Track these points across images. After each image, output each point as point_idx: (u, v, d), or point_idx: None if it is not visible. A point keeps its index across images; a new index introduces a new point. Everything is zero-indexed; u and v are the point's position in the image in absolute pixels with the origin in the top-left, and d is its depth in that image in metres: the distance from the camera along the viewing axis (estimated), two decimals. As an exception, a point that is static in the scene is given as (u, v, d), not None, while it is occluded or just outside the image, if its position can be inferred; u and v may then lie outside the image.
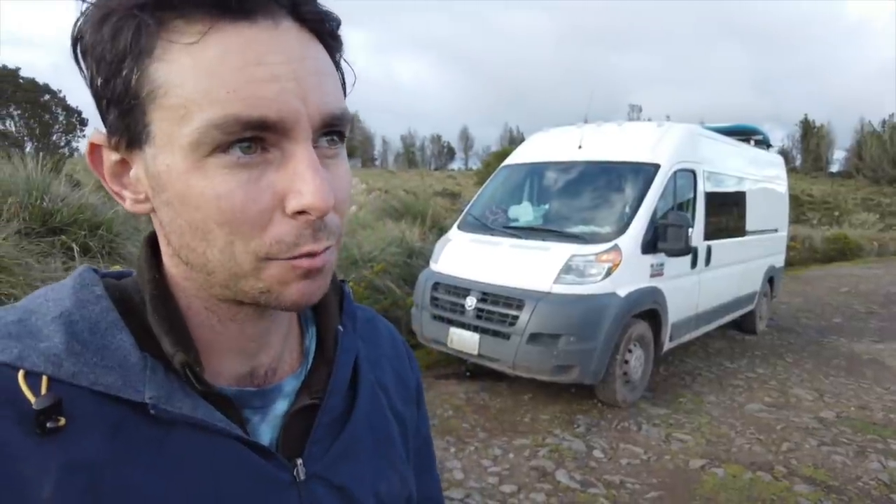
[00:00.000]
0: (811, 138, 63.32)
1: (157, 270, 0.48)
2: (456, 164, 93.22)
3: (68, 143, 11.50)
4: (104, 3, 0.39)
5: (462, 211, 5.71)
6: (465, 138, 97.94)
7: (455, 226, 5.29)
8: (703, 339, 6.08)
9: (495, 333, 4.12)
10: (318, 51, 0.43)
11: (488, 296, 4.23)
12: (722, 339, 6.45)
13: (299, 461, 0.50)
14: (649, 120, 6.06)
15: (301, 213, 0.40)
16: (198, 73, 0.38)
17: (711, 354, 5.89)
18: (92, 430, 0.40)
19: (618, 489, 3.14)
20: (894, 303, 9.40)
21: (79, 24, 0.40)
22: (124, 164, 0.44)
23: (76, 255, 4.69)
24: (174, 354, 0.43)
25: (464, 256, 4.69)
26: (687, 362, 5.56)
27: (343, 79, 0.48)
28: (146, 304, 0.46)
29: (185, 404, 0.44)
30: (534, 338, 3.95)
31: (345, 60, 0.48)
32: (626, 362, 4.22)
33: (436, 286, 4.64)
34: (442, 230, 8.35)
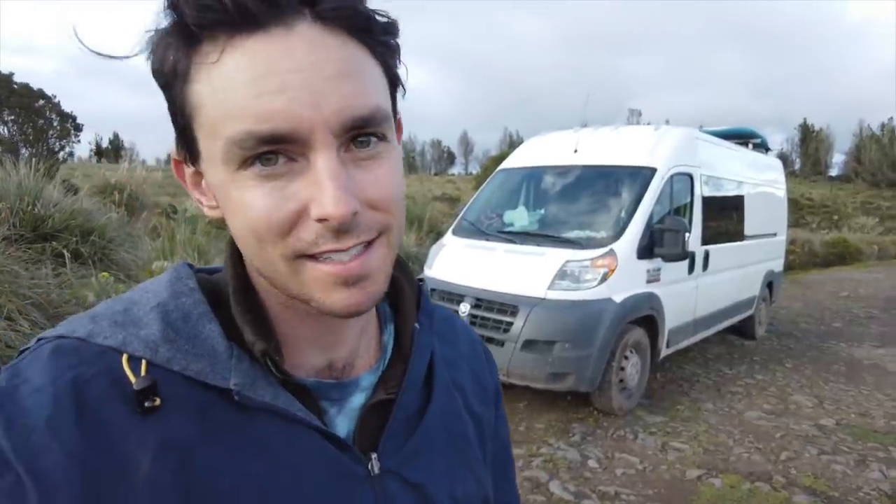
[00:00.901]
0: (810, 142, 63.30)
1: (240, 266, 0.51)
2: (456, 169, 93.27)
3: (63, 147, 11.47)
4: (156, 36, 0.42)
5: (458, 215, 5.65)
6: (465, 143, 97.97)
7: (450, 231, 5.24)
8: (702, 345, 6.02)
9: (489, 340, 4.05)
10: (342, 50, 0.42)
11: (482, 302, 4.17)
12: (720, 345, 6.38)
13: (374, 455, 0.52)
14: (648, 124, 6.02)
15: (323, 220, 0.41)
16: (217, 91, 0.40)
17: (710, 360, 5.83)
18: (183, 411, 0.44)
19: (612, 500, 3.07)
20: (895, 307, 9.34)
21: (151, 52, 0.43)
22: (199, 175, 0.48)
23: (67, 261, 4.64)
24: (254, 343, 0.46)
25: (458, 262, 4.63)
26: (685, 368, 5.49)
27: (390, 72, 0.47)
28: (230, 296, 0.49)
29: (268, 392, 0.46)
30: (528, 345, 3.89)
31: (389, 48, 0.47)
32: (623, 369, 4.16)
33: (430, 292, 4.57)
34: (439, 235, 8.30)
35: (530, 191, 5.18)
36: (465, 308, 4.23)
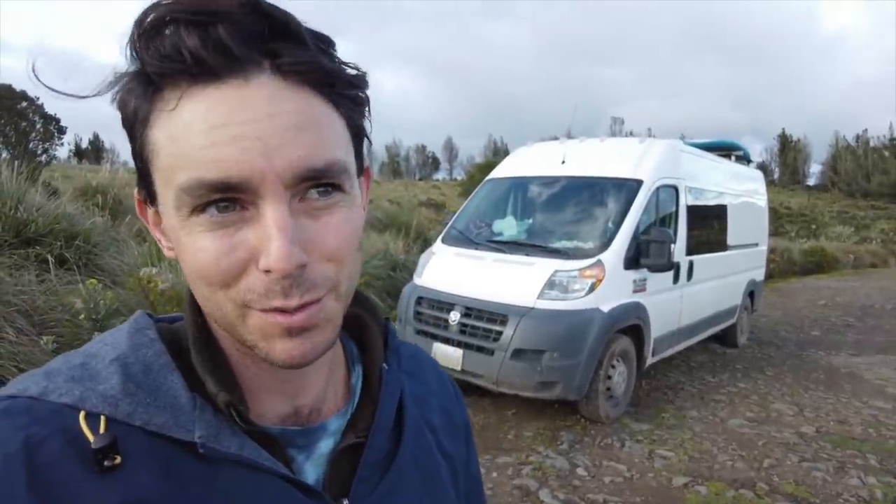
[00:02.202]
0: (789, 152, 64.62)
1: (199, 315, 0.50)
2: (440, 175, 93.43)
3: (46, 150, 11.29)
4: (120, 76, 0.43)
5: (447, 224, 5.69)
6: (450, 149, 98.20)
7: (439, 239, 5.27)
8: (686, 353, 6.11)
9: (479, 349, 4.09)
10: (301, 103, 0.42)
11: (472, 311, 4.21)
12: (704, 353, 6.49)
13: (345, 501, 0.51)
14: (631, 133, 6.14)
15: (267, 271, 0.41)
16: (172, 139, 0.40)
17: (693, 368, 5.92)
18: (146, 468, 0.42)
19: (601, 508, 3.11)
20: (870, 315, 9.58)
21: (115, 93, 0.44)
22: (159, 215, 0.47)
23: (51, 266, 4.58)
24: (217, 394, 0.45)
25: (448, 270, 4.67)
26: (669, 376, 5.58)
27: (353, 125, 0.47)
28: (190, 346, 0.48)
29: (233, 443, 0.45)
30: (518, 353, 3.93)
31: (355, 102, 0.47)
32: (609, 378, 4.22)
33: (419, 300, 4.61)
34: (426, 242, 8.32)
35: (519, 201, 5.24)
36: (454, 317, 4.26)
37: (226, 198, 0.40)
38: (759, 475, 3.56)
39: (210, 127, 0.39)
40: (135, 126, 0.43)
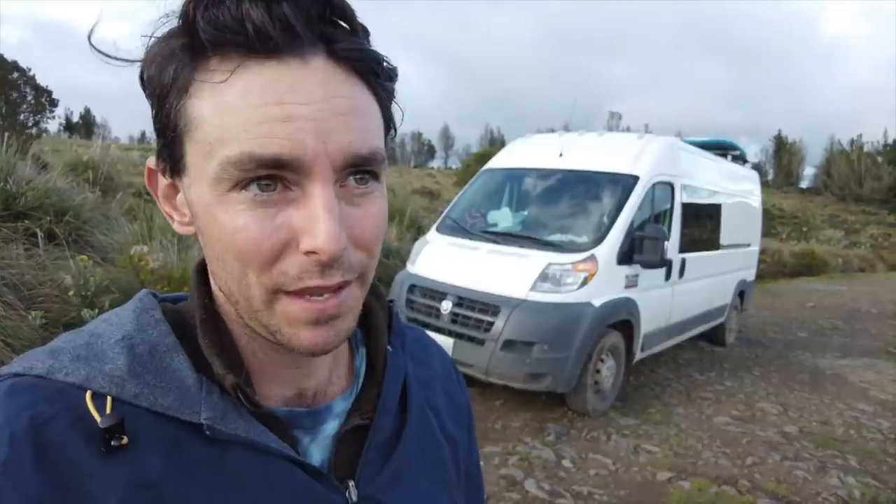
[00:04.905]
0: (784, 154, 64.84)
1: (207, 296, 0.50)
2: (436, 163, 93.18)
3: (37, 123, 11.13)
4: (156, 43, 0.42)
5: (441, 213, 5.67)
6: (446, 137, 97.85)
7: (433, 228, 5.26)
8: (674, 350, 6.15)
9: (470, 339, 4.10)
10: (351, 89, 0.43)
11: (464, 300, 4.21)
12: (692, 351, 6.54)
13: (351, 483, 0.51)
14: (628, 128, 6.11)
15: (312, 252, 0.41)
16: (221, 111, 0.40)
17: (681, 366, 5.97)
18: (152, 449, 0.42)
19: (586, 500, 3.14)
20: (857, 319, 9.67)
21: (144, 58, 0.43)
22: (174, 188, 0.47)
23: (40, 241, 4.53)
24: (224, 376, 0.45)
25: (441, 260, 4.66)
26: (657, 372, 5.62)
27: (386, 115, 0.48)
28: (197, 328, 0.48)
29: (239, 425, 0.45)
30: (508, 345, 3.94)
31: (389, 93, 0.47)
32: (598, 372, 4.24)
33: (412, 289, 4.60)
34: (420, 230, 8.30)
35: (514, 192, 5.23)
36: (446, 306, 4.26)
37: (272, 175, 0.40)
38: (742, 472, 3.60)
39: (265, 103, 0.39)
40: (170, 95, 0.42)
